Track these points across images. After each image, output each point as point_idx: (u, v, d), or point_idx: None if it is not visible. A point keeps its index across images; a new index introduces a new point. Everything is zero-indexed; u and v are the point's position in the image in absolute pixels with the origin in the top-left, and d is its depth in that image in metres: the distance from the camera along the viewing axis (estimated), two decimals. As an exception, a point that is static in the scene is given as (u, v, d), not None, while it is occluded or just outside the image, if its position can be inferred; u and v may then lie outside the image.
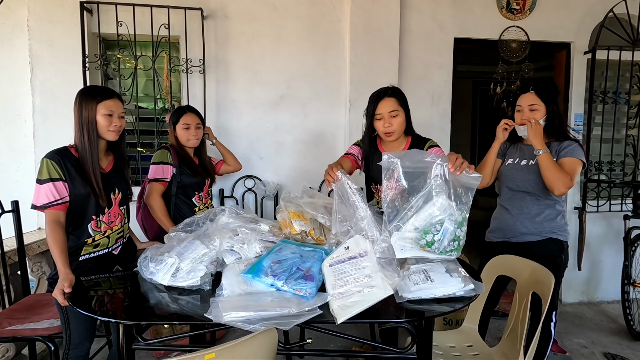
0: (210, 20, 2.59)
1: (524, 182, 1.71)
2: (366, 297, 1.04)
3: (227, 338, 2.41)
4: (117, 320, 1.10)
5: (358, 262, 1.13)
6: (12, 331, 1.59)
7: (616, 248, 2.90)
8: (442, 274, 1.15)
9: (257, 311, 0.98)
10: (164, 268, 1.26)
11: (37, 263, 2.26)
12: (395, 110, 1.57)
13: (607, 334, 2.57)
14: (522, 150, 1.77)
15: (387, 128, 1.57)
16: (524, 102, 1.69)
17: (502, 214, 1.80)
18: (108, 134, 1.43)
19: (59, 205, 1.36)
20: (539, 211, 1.69)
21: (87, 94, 1.43)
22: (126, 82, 2.55)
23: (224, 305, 1.00)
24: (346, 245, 1.19)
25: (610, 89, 2.96)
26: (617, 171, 3.03)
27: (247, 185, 2.73)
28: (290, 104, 2.72)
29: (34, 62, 2.44)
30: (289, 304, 1.02)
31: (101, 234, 1.46)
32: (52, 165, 1.36)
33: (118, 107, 1.45)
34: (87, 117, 1.40)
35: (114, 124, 1.43)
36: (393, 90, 1.61)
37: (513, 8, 2.83)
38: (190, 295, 1.20)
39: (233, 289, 1.10)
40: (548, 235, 1.68)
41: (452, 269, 1.18)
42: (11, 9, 2.48)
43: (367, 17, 2.66)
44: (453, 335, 1.62)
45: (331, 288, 1.09)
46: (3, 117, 2.56)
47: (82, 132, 1.40)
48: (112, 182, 1.49)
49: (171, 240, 1.40)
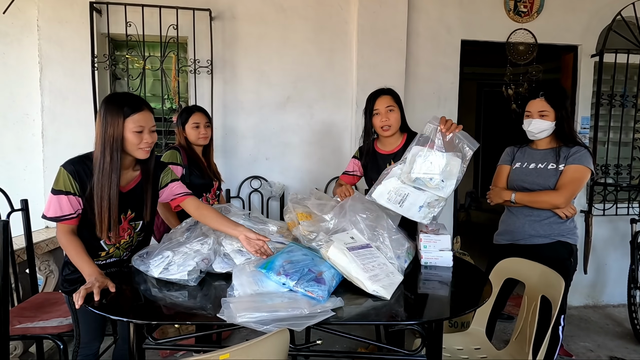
0: (218, 21, 2.60)
1: (532, 185, 1.70)
2: (393, 280, 1.20)
3: (232, 338, 2.42)
4: (128, 320, 1.10)
5: (371, 252, 1.25)
6: (22, 329, 1.61)
7: (622, 251, 2.89)
8: (415, 205, 1.42)
9: (270, 312, 0.99)
10: (158, 261, 1.29)
11: (45, 262, 2.28)
12: (391, 105, 1.72)
13: (613, 337, 2.56)
14: (530, 154, 1.76)
15: (384, 122, 1.70)
16: (534, 108, 1.68)
17: (510, 216, 1.79)
18: (138, 152, 1.26)
19: (71, 219, 1.27)
20: (548, 214, 1.68)
21: (113, 104, 1.23)
22: (134, 82, 2.56)
23: (237, 306, 1.00)
24: (351, 235, 1.28)
25: (617, 92, 2.95)
26: (624, 174, 3.02)
27: (253, 186, 2.74)
28: (297, 104, 2.73)
29: (43, 62, 2.46)
30: (300, 305, 1.02)
31: (113, 246, 1.40)
32: (67, 178, 1.25)
33: (148, 120, 1.26)
34: (112, 134, 1.21)
35: (145, 140, 1.25)
36: (388, 89, 1.77)
37: (520, 10, 2.83)
38: (200, 296, 1.21)
39: (244, 290, 1.11)
40: (557, 238, 1.68)
41: (430, 205, 1.44)
42: (21, 9, 2.50)
43: (374, 19, 2.66)
44: (461, 338, 1.62)
45: (362, 271, 1.18)
46: (12, 116, 2.58)
47: (103, 150, 1.22)
48: (128, 202, 1.34)
49: (171, 236, 1.43)
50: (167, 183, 1.44)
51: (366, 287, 1.16)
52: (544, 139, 1.71)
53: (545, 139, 1.72)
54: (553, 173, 1.65)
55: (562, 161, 1.65)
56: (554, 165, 1.66)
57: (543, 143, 1.73)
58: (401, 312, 1.13)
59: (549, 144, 1.72)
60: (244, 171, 2.73)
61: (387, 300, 1.13)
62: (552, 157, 1.67)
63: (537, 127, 1.67)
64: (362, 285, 1.18)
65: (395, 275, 1.23)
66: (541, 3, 2.83)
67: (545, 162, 1.69)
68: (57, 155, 2.49)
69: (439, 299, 1.25)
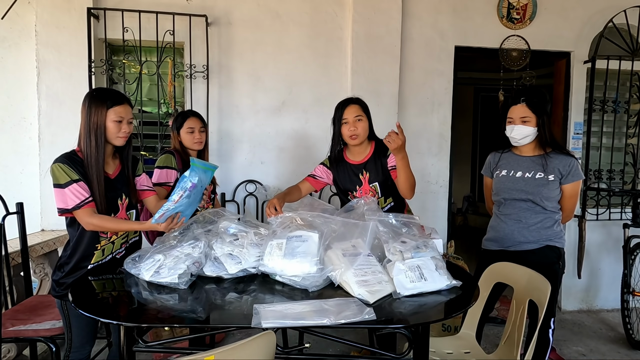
0: (215, 26, 2.63)
1: (520, 192, 1.71)
2: (383, 288, 1.21)
3: (226, 341, 2.42)
4: (119, 322, 1.12)
5: (369, 260, 1.29)
6: (15, 332, 1.62)
7: (615, 256, 2.90)
8: (432, 271, 1.28)
9: (295, 320, 1.03)
10: (149, 264, 1.31)
11: (40, 264, 2.28)
12: (359, 115, 1.73)
13: (606, 342, 2.57)
14: (516, 160, 1.76)
15: (352, 131, 1.73)
16: (515, 114, 1.68)
17: (499, 223, 1.80)
18: (116, 140, 1.42)
19: (91, 202, 1.37)
20: (536, 220, 1.70)
21: (97, 98, 1.40)
22: (131, 86, 2.58)
23: (265, 313, 1.05)
24: (353, 244, 1.32)
25: (609, 97, 2.98)
26: (616, 179, 3.04)
27: (248, 190, 2.75)
28: (292, 109, 2.76)
29: (41, 67, 2.48)
30: (327, 314, 1.05)
31: (107, 239, 1.46)
32: (67, 168, 1.36)
33: (127, 112, 1.43)
34: (95, 121, 1.38)
35: (123, 130, 1.42)
36: (357, 99, 1.80)
37: (513, 17, 2.86)
38: (191, 299, 1.22)
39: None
40: (545, 242, 1.70)
41: (440, 265, 1.31)
42: (19, 14, 2.53)
43: (369, 25, 2.69)
44: (450, 342, 1.63)
45: (353, 275, 1.22)
46: (9, 120, 2.60)
47: (89, 137, 1.39)
48: (119, 188, 1.48)
49: (163, 239, 1.44)
50: (140, 173, 1.60)
51: (352, 290, 1.18)
52: (528, 144, 1.72)
53: (529, 145, 1.72)
54: (543, 183, 1.67)
55: (552, 171, 1.66)
56: (542, 174, 1.67)
57: (527, 149, 1.74)
58: (387, 316, 1.14)
59: (534, 151, 1.73)
60: (240, 175, 2.75)
61: (370, 304, 1.14)
62: (539, 165, 1.68)
63: (519, 133, 1.68)
64: (349, 288, 1.19)
65: (387, 285, 1.23)
66: (534, 10, 2.87)
67: (532, 170, 1.69)
68: (53, 158, 2.45)
69: (426, 303, 1.26)
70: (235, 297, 1.25)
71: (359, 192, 1.81)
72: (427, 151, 2.90)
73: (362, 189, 1.80)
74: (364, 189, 1.80)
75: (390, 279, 1.24)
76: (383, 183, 1.77)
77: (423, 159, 2.88)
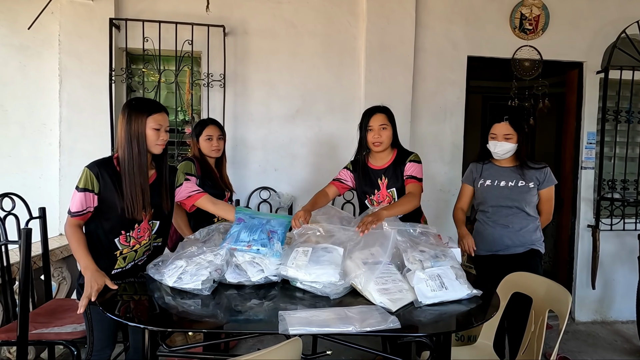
0: (231, 36, 2.69)
1: (506, 200, 1.88)
2: (404, 297, 1.22)
3: (239, 347, 2.43)
4: (145, 326, 1.14)
5: (389, 268, 1.30)
6: (38, 334, 1.64)
7: (630, 267, 2.87)
8: (453, 280, 1.28)
9: (321, 327, 1.05)
10: (172, 269, 1.34)
11: (59, 268, 2.32)
12: (384, 124, 1.82)
13: (622, 354, 2.54)
14: (497, 171, 1.94)
15: (376, 139, 1.81)
16: (499, 131, 1.86)
17: (486, 229, 1.95)
18: (155, 148, 1.45)
19: (85, 215, 1.41)
20: (522, 225, 1.87)
21: (137, 107, 1.43)
22: (149, 94, 2.64)
23: (291, 320, 1.07)
24: (372, 252, 1.34)
25: (623, 108, 2.97)
26: (630, 189, 3.02)
27: (262, 197, 2.78)
28: (306, 117, 2.79)
29: (63, 75, 2.55)
30: (351, 322, 1.07)
31: (129, 248, 1.48)
32: (89, 176, 1.38)
33: (165, 120, 1.46)
34: (136, 130, 1.40)
35: (162, 137, 1.45)
36: (384, 107, 1.88)
37: (526, 28, 2.88)
38: (213, 305, 1.24)
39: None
40: (530, 246, 1.87)
41: (460, 274, 1.32)
42: (43, 24, 2.60)
43: (382, 35, 2.73)
44: (468, 351, 1.63)
45: (374, 283, 1.24)
46: (29, 126, 2.67)
47: (130, 145, 1.40)
48: (149, 197, 1.48)
49: (185, 246, 1.47)
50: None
51: (374, 298, 1.19)
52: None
53: (509, 157, 1.91)
54: (526, 190, 1.87)
55: (531, 179, 1.87)
56: (524, 182, 1.88)
57: (506, 161, 1.93)
58: (409, 324, 1.15)
59: (512, 162, 1.92)
60: (254, 182, 2.78)
61: (392, 312, 1.16)
62: (519, 174, 1.88)
63: (502, 149, 1.87)
64: (371, 296, 1.20)
65: (407, 294, 1.24)
66: (546, 21, 2.89)
67: (514, 179, 1.89)
68: (72, 164, 2.56)
69: (446, 312, 1.27)
70: (257, 303, 1.27)
71: (376, 195, 1.88)
72: (440, 159, 2.92)
73: (379, 193, 1.87)
74: (381, 194, 1.87)
75: (411, 288, 1.25)
76: (400, 190, 1.83)
77: (435, 168, 2.90)
